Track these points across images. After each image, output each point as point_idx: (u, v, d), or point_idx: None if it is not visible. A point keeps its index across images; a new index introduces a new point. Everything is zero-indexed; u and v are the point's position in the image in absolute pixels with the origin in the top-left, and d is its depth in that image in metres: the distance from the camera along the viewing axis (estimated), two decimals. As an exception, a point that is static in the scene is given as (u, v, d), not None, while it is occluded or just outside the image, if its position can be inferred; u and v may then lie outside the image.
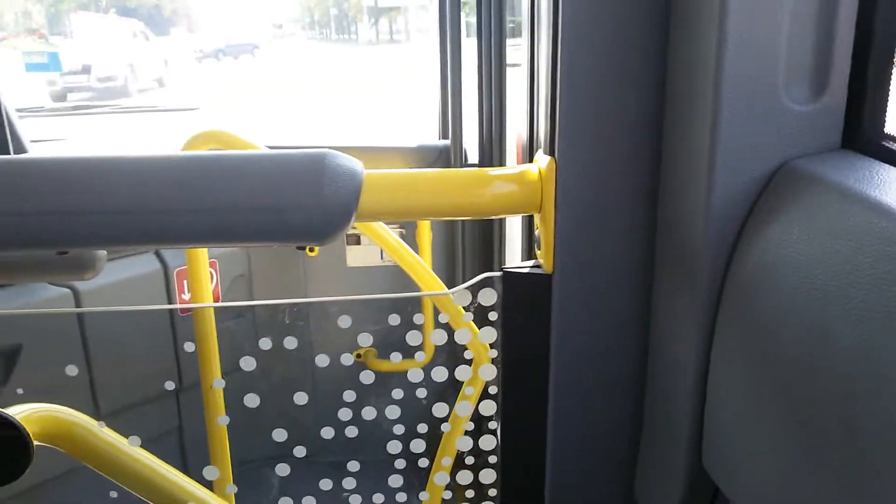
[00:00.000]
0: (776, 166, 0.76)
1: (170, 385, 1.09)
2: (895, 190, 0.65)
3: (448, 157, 2.41)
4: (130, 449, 0.99)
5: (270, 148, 1.69)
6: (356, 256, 2.42)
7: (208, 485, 1.09)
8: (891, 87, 0.77)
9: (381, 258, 2.39)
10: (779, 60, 0.73)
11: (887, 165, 0.71)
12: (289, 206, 0.77)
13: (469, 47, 2.28)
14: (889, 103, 0.77)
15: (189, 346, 1.07)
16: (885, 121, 0.77)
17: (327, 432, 0.95)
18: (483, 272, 0.89)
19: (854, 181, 0.67)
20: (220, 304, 2.12)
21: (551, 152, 0.86)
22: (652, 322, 0.91)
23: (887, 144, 0.75)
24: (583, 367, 0.93)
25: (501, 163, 2.33)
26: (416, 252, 2.21)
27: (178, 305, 2.21)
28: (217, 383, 1.49)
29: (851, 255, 0.62)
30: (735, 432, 0.76)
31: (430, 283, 1.79)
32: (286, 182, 0.77)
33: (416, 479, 1.01)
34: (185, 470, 1.08)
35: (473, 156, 2.41)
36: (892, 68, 0.77)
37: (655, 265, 0.89)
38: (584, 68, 0.82)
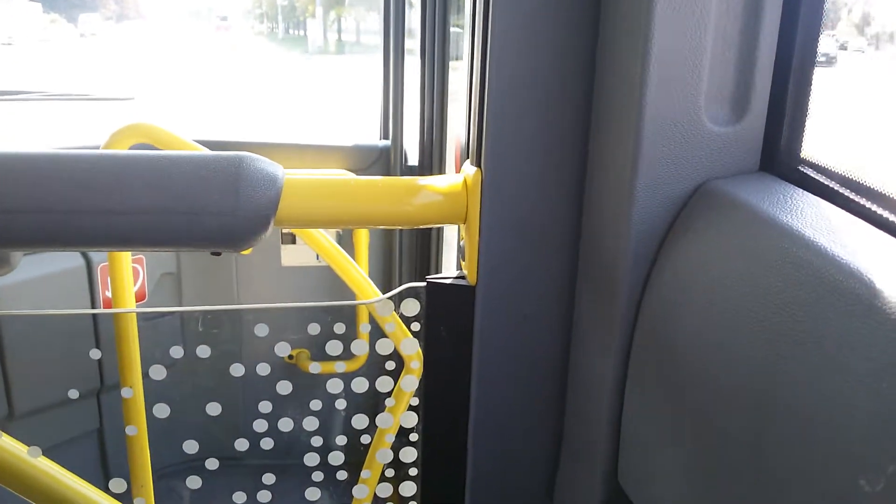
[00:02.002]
0: (695, 186, 0.76)
1: (73, 393, 1.04)
2: (807, 215, 0.66)
3: (388, 157, 2.39)
4: (31, 458, 0.94)
5: (199, 142, 1.64)
6: (291, 256, 2.37)
7: (120, 496, 1.05)
8: (808, 113, 0.79)
9: (318, 259, 2.35)
10: (701, 82, 0.74)
11: (801, 190, 0.72)
12: (202, 210, 0.73)
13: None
14: (806, 128, 0.79)
15: (95, 354, 1.02)
16: (801, 146, 0.79)
17: (241, 444, 0.91)
18: (420, 278, 0.88)
19: (768, 205, 0.68)
20: (140, 309, 2.04)
21: (478, 163, 0.86)
22: (573, 336, 0.91)
23: (802, 169, 0.76)
24: (504, 380, 0.92)
25: (441, 165, 2.32)
26: (353, 255, 2.19)
27: (94, 311, 2.12)
28: (125, 392, 1.43)
29: (762, 278, 0.63)
30: (649, 450, 0.77)
31: (363, 289, 1.76)
32: (200, 186, 0.74)
33: (335, 491, 0.99)
34: (106, 475, 1.03)
35: (414, 157, 2.40)
36: (810, 94, 0.78)
37: (578, 278, 0.89)
38: (512, 83, 0.81)
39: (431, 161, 2.32)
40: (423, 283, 0.88)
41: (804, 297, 0.58)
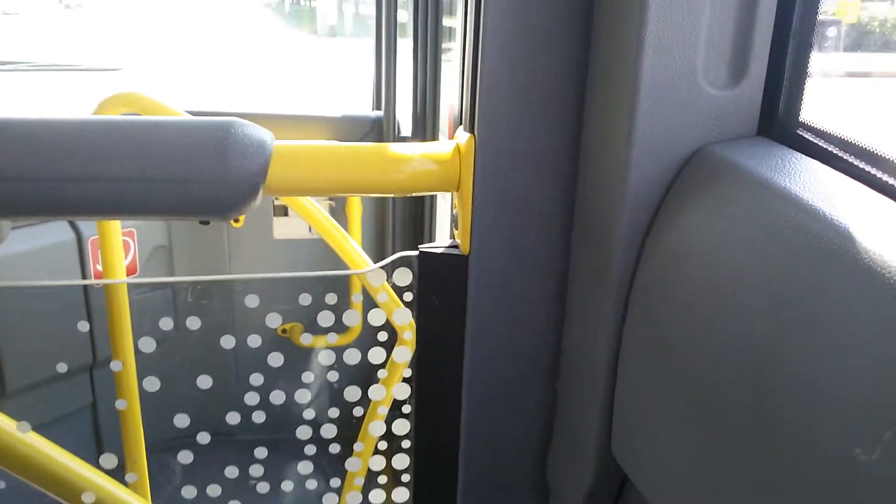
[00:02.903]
0: (692, 151, 0.75)
1: (62, 367, 1.02)
2: (806, 179, 0.65)
3: (380, 128, 2.36)
4: (20, 434, 0.93)
5: (190, 113, 1.61)
6: (283, 229, 2.35)
7: (112, 471, 1.04)
8: (808, 76, 0.77)
9: (310, 231, 2.33)
10: (699, 45, 0.72)
11: (799, 154, 0.71)
12: (189, 178, 0.72)
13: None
14: (805, 92, 0.77)
15: (84, 326, 1.00)
16: (800, 109, 0.77)
17: (233, 417, 0.91)
18: (414, 249, 0.86)
19: (767, 169, 0.67)
20: (130, 279, 2.03)
21: (471, 129, 0.84)
22: (567, 305, 0.90)
23: (801, 133, 0.75)
24: (498, 351, 0.91)
25: (434, 135, 2.30)
26: (346, 226, 2.17)
27: (84, 282, 2.10)
28: (115, 366, 1.42)
29: (761, 243, 0.62)
30: (643, 421, 0.76)
31: (356, 261, 1.75)
32: (187, 152, 0.72)
33: (328, 464, 0.98)
34: (99, 450, 1.02)
35: (407, 128, 2.37)
36: (809, 57, 0.76)
37: (572, 248, 0.88)
38: (506, 47, 0.79)
39: (425, 131, 2.29)
40: (416, 253, 0.87)
41: (803, 261, 0.57)
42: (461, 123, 0.89)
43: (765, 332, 0.59)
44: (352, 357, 0.88)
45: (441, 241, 0.97)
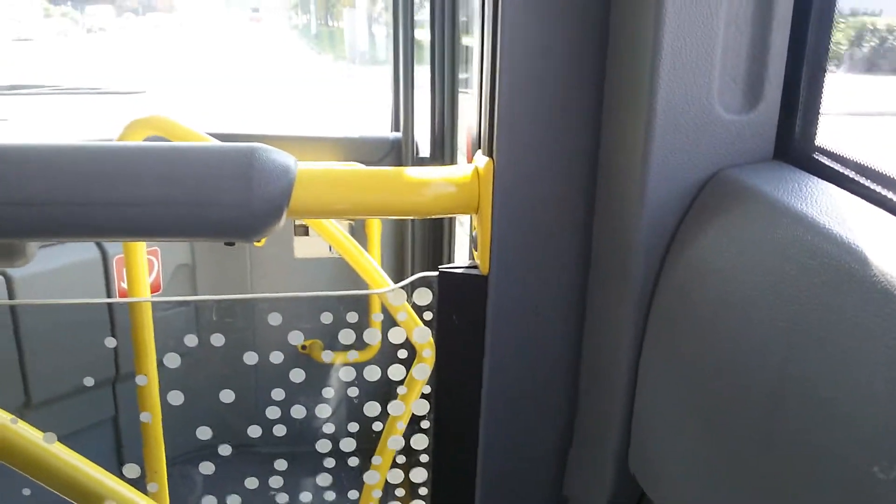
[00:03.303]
0: (709, 175, 0.76)
1: (88, 381, 1.05)
2: (822, 203, 0.65)
3: (399, 149, 2.39)
4: (46, 444, 0.95)
5: (212, 135, 1.65)
6: (304, 248, 2.38)
7: (134, 481, 1.06)
8: (823, 100, 0.78)
9: (330, 250, 2.36)
10: (713, 70, 0.73)
11: (816, 178, 0.72)
12: (215, 202, 0.74)
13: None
14: (821, 116, 0.78)
15: (110, 342, 1.03)
16: (816, 133, 0.78)
17: (254, 430, 0.92)
18: (433, 268, 0.88)
19: (783, 193, 0.68)
20: (154, 298, 2.06)
21: (489, 153, 0.86)
22: (586, 325, 0.91)
23: (817, 157, 0.76)
24: (516, 369, 0.93)
25: (453, 156, 2.32)
26: (365, 246, 2.19)
27: (109, 300, 2.14)
28: (140, 380, 1.45)
29: (777, 267, 0.62)
30: (661, 438, 0.77)
31: (376, 280, 1.77)
32: (213, 177, 0.74)
33: (346, 477, 1.00)
34: (121, 462, 1.05)
35: (425, 149, 2.40)
36: (824, 81, 0.77)
37: (591, 268, 0.89)
38: (524, 71, 0.81)
39: (443, 152, 2.32)
40: (436, 273, 0.89)
41: (820, 285, 0.57)
42: (479, 147, 0.91)
43: (780, 354, 0.59)
44: (372, 374, 0.90)
45: (460, 259, 0.98)
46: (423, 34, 2.29)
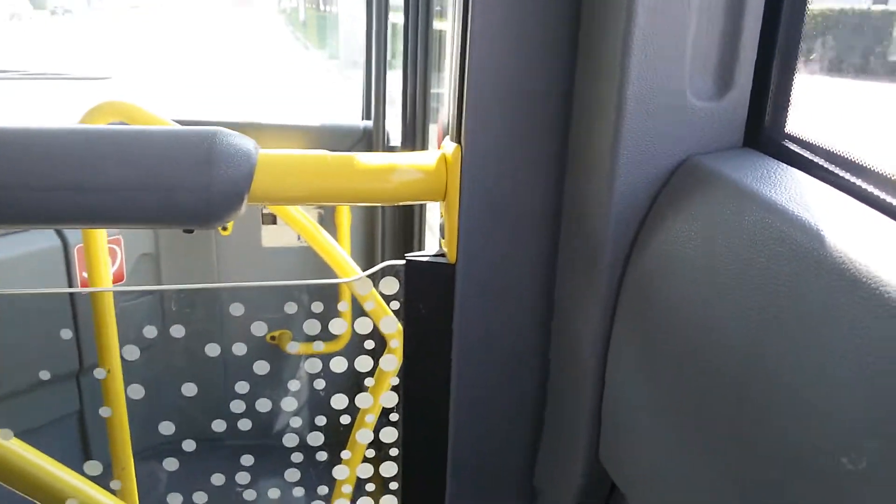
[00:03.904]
0: (678, 161, 0.75)
1: (45, 375, 1.02)
2: (791, 190, 0.65)
3: (370, 138, 2.36)
4: (3, 441, 0.92)
5: (176, 121, 1.61)
6: (272, 237, 2.35)
7: (99, 478, 1.03)
8: (793, 88, 0.77)
9: (299, 239, 2.32)
10: (684, 56, 0.73)
11: (785, 165, 0.71)
12: (173, 186, 0.71)
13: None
14: (791, 103, 0.78)
15: (66, 334, 1.00)
16: (786, 120, 0.78)
17: (219, 425, 0.90)
18: (402, 258, 0.86)
19: (752, 180, 0.68)
20: (115, 288, 2.01)
21: (457, 139, 0.84)
22: (554, 314, 0.90)
23: (787, 144, 0.76)
24: (485, 359, 0.91)
25: (424, 145, 2.30)
26: (335, 234, 2.17)
27: (70, 290, 2.09)
28: (98, 373, 1.41)
29: (745, 254, 0.62)
30: (630, 429, 0.76)
31: (344, 269, 1.74)
32: (171, 161, 0.72)
33: (315, 472, 0.98)
34: (86, 457, 1.01)
35: (396, 138, 2.37)
36: (795, 68, 0.77)
37: (559, 256, 0.88)
38: (493, 56, 0.80)
39: (414, 141, 2.30)
40: (403, 262, 0.87)
41: (788, 272, 0.57)
42: (448, 133, 0.89)
43: (748, 343, 0.59)
44: (339, 365, 0.88)
45: (431, 248, 0.97)
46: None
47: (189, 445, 0.92)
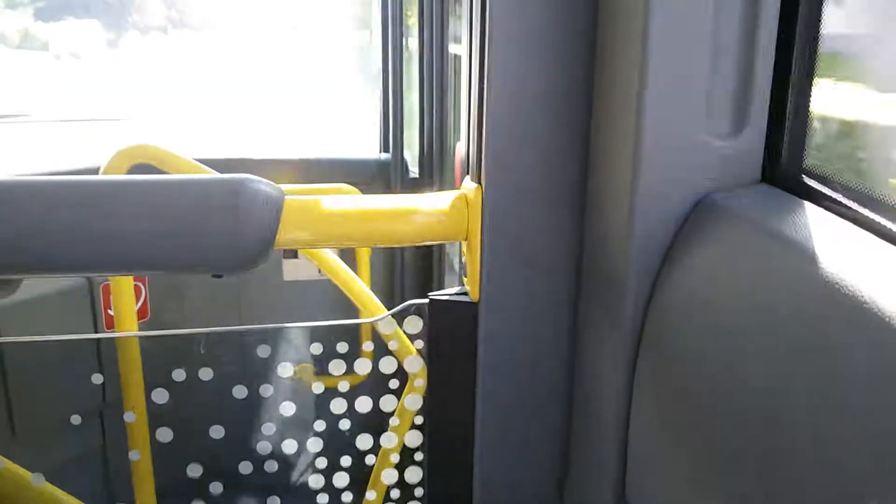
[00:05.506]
0: (696, 199, 0.76)
1: (76, 419, 1.03)
2: (810, 226, 0.65)
3: (388, 170, 2.39)
4: (35, 484, 0.93)
5: (200, 161, 1.64)
6: (293, 270, 2.37)
7: None
8: (809, 123, 0.78)
9: (320, 273, 2.34)
10: (700, 95, 0.73)
11: (803, 201, 0.71)
12: (201, 235, 0.73)
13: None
14: (807, 138, 0.78)
15: (97, 378, 1.01)
16: (803, 155, 0.78)
17: (245, 467, 0.91)
18: (423, 293, 0.87)
19: (770, 216, 0.68)
20: (141, 333, 2.03)
21: (477, 180, 0.85)
22: (577, 352, 0.90)
23: (805, 179, 0.76)
24: (509, 397, 0.92)
25: (442, 175, 2.32)
26: (355, 268, 2.18)
27: (94, 336, 2.11)
28: (128, 417, 1.43)
29: (766, 291, 0.62)
30: (656, 466, 0.76)
31: (366, 305, 1.75)
32: (200, 210, 0.74)
33: None
34: (111, 496, 1.02)
35: (415, 169, 2.40)
36: (810, 103, 0.77)
37: (581, 295, 0.89)
38: (510, 99, 0.81)
39: (432, 171, 2.32)
40: (426, 300, 0.88)
41: (808, 309, 0.57)
42: (468, 172, 0.90)
43: (771, 379, 0.59)
44: (364, 405, 0.88)
45: (451, 284, 0.98)
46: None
47: (216, 488, 0.93)
